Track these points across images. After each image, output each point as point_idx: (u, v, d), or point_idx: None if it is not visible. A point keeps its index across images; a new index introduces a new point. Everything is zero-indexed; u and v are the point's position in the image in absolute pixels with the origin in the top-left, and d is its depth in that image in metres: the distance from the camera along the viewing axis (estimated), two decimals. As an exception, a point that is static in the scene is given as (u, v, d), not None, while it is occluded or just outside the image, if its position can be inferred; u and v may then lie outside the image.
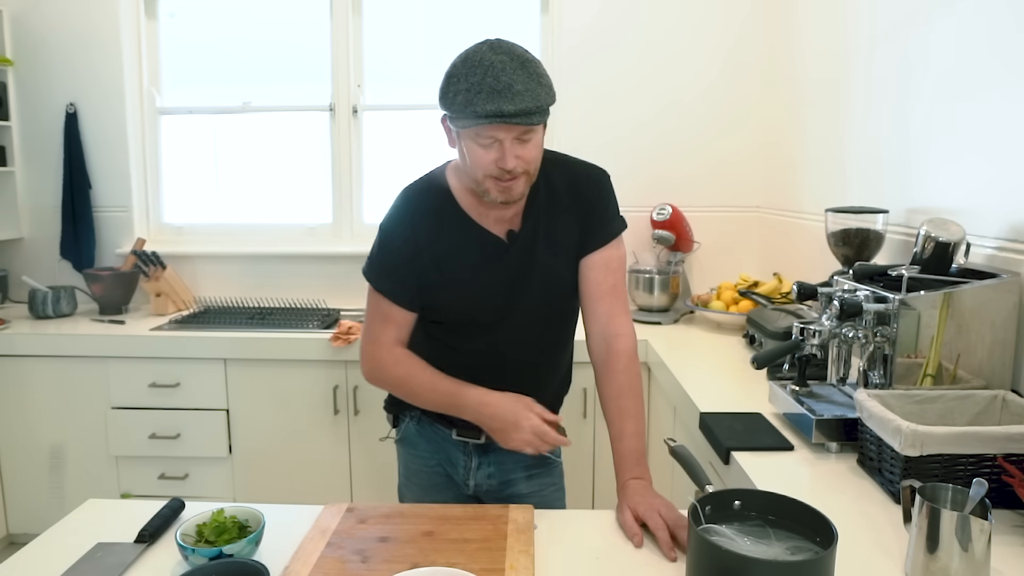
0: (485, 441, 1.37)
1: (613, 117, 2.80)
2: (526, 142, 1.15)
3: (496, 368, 1.30)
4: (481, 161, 1.16)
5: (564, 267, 1.31)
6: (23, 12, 2.82)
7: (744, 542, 0.89)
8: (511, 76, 1.09)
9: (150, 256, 2.77)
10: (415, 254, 1.27)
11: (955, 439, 1.05)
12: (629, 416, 1.24)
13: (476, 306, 1.29)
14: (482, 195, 1.21)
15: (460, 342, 1.32)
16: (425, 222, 1.28)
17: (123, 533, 1.08)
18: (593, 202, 1.30)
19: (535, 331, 1.33)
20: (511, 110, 1.09)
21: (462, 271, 1.28)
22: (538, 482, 1.43)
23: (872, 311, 1.32)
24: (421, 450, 1.45)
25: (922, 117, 1.69)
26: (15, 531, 2.60)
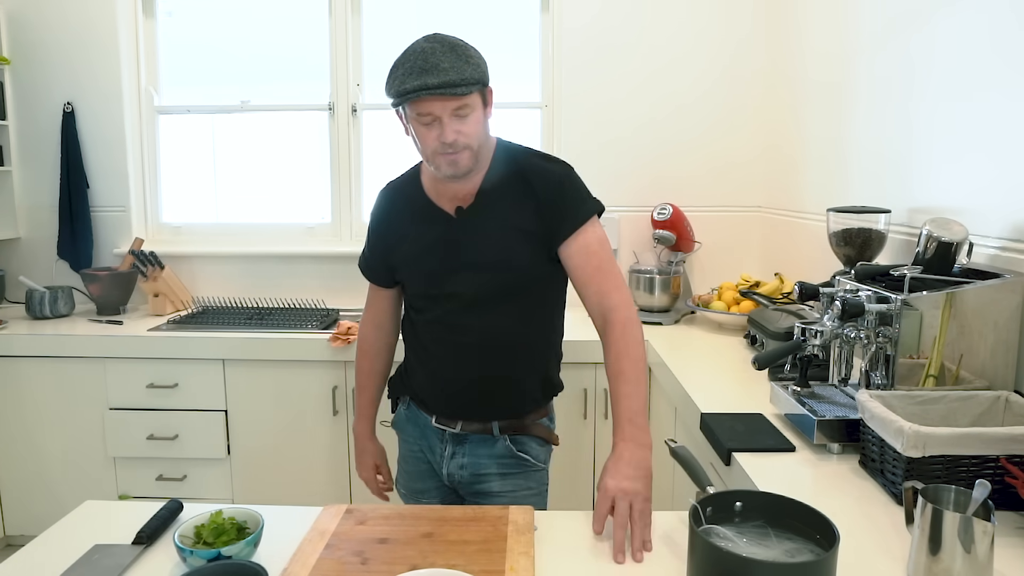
0: (461, 431, 1.45)
1: (614, 117, 2.80)
2: (463, 117, 1.26)
3: (453, 342, 1.41)
4: (426, 139, 1.27)
5: (512, 247, 1.36)
6: (20, 10, 2.81)
7: (745, 543, 0.89)
8: (439, 57, 1.21)
9: (148, 256, 2.76)
10: (385, 241, 1.48)
11: (958, 440, 1.05)
12: (625, 379, 1.25)
13: (425, 278, 1.41)
14: (435, 172, 1.33)
15: (421, 314, 1.46)
16: (396, 213, 1.46)
17: (121, 535, 1.07)
18: (551, 197, 1.35)
19: (483, 310, 1.38)
20: (435, 82, 1.20)
21: (419, 243, 1.41)
22: (512, 482, 1.45)
23: (874, 311, 1.31)
24: (408, 435, 1.55)
25: (924, 116, 1.68)
26: (12, 533, 2.59)
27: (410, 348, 1.53)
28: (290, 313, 2.73)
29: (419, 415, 1.52)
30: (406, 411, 1.56)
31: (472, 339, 1.40)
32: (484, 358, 1.40)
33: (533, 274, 1.39)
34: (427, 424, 1.49)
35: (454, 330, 1.40)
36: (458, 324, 1.40)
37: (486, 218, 1.37)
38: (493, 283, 1.36)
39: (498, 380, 1.42)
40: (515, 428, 1.45)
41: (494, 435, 1.44)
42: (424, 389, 1.49)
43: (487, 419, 1.44)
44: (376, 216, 1.51)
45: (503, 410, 1.45)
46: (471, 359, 1.41)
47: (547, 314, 1.47)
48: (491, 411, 1.44)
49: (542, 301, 1.44)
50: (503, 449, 1.45)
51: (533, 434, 1.47)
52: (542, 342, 1.48)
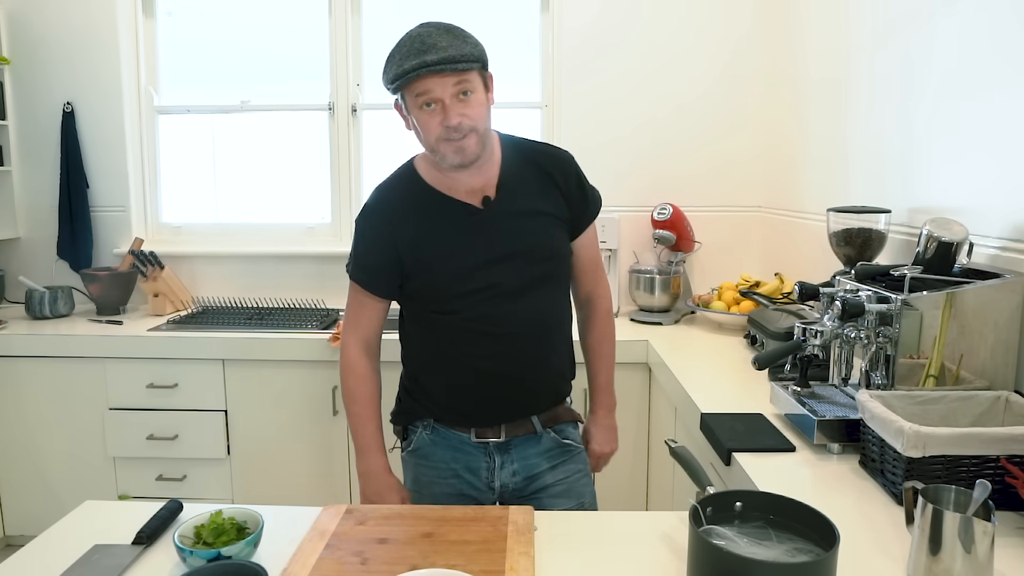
0: (505, 439, 1.40)
1: (614, 116, 2.80)
2: (466, 100, 1.24)
3: (494, 337, 1.35)
4: (429, 126, 1.24)
5: (548, 232, 1.37)
6: (20, 10, 2.81)
7: (745, 544, 0.89)
8: (435, 38, 1.20)
9: (148, 256, 2.76)
10: (391, 245, 1.36)
11: (958, 440, 1.05)
12: (603, 358, 1.56)
13: (461, 274, 1.33)
14: (441, 162, 1.29)
15: (452, 316, 1.35)
16: (399, 211, 1.36)
17: (121, 535, 1.07)
18: (572, 186, 1.40)
19: (525, 298, 1.35)
20: (433, 59, 1.18)
21: (443, 243, 1.34)
22: (563, 470, 1.45)
23: (874, 311, 1.31)
24: (435, 460, 1.43)
25: (924, 116, 1.68)
26: (12, 533, 2.59)
27: (427, 360, 1.42)
28: (290, 313, 2.73)
29: (450, 435, 1.42)
30: (430, 435, 1.43)
31: (515, 329, 1.36)
32: (528, 348, 1.37)
33: (566, 257, 1.42)
34: (463, 442, 1.41)
35: (495, 323, 1.34)
36: (499, 316, 1.34)
37: (518, 206, 1.35)
38: (536, 269, 1.35)
39: (540, 369, 1.40)
40: (553, 419, 1.45)
41: (537, 432, 1.42)
42: (454, 403, 1.40)
43: (528, 417, 1.42)
44: (374, 220, 1.39)
45: (543, 403, 1.43)
46: (514, 352, 1.36)
47: (567, 295, 1.49)
48: (532, 406, 1.42)
49: (565, 283, 1.48)
50: (550, 442, 1.44)
51: (566, 420, 1.48)
52: (568, 323, 1.48)
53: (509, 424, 1.40)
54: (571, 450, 1.47)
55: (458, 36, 1.22)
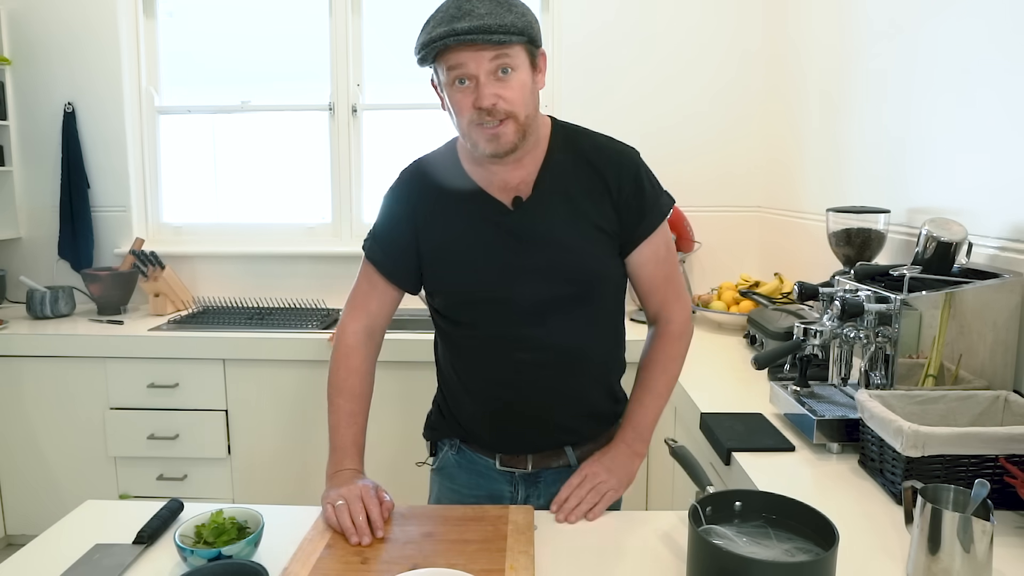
0: (533, 469, 1.26)
1: (613, 116, 2.80)
2: (505, 78, 1.06)
3: (515, 360, 1.19)
4: (461, 106, 1.08)
5: (582, 247, 1.16)
6: (21, 10, 2.81)
7: (745, 543, 0.89)
8: (474, 3, 1.03)
9: (149, 256, 2.76)
10: (412, 229, 1.21)
11: (957, 440, 1.05)
12: (649, 390, 1.25)
13: (478, 277, 1.18)
14: (473, 150, 1.12)
15: (469, 329, 1.21)
16: (429, 192, 1.21)
17: (121, 534, 1.07)
18: (631, 188, 1.17)
19: (549, 321, 1.17)
20: (463, 27, 1.01)
21: (463, 237, 1.18)
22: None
23: (873, 311, 1.31)
24: (459, 483, 1.31)
25: (924, 116, 1.68)
26: (13, 532, 2.59)
27: (453, 377, 1.28)
28: (290, 313, 2.73)
29: (476, 459, 1.29)
30: (456, 456, 1.31)
31: (537, 356, 1.19)
32: (553, 379, 1.20)
33: (606, 277, 1.20)
34: (488, 468, 1.28)
35: (514, 346, 1.18)
36: (518, 339, 1.18)
37: (551, 212, 1.16)
38: (563, 289, 1.16)
39: (572, 403, 1.23)
40: (592, 452, 1.26)
41: (571, 466, 1.25)
42: (477, 425, 1.26)
43: (560, 447, 1.26)
44: (401, 195, 1.23)
45: (579, 435, 1.27)
46: (538, 380, 1.20)
47: (615, 319, 1.28)
48: (562, 438, 1.26)
49: (612, 306, 1.26)
50: None
51: None
52: (613, 352, 1.30)
53: (537, 455, 1.25)
54: None
55: (502, 3, 1.04)
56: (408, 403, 2.34)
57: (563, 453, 1.27)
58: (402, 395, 2.35)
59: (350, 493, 1.09)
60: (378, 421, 2.11)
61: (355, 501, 1.07)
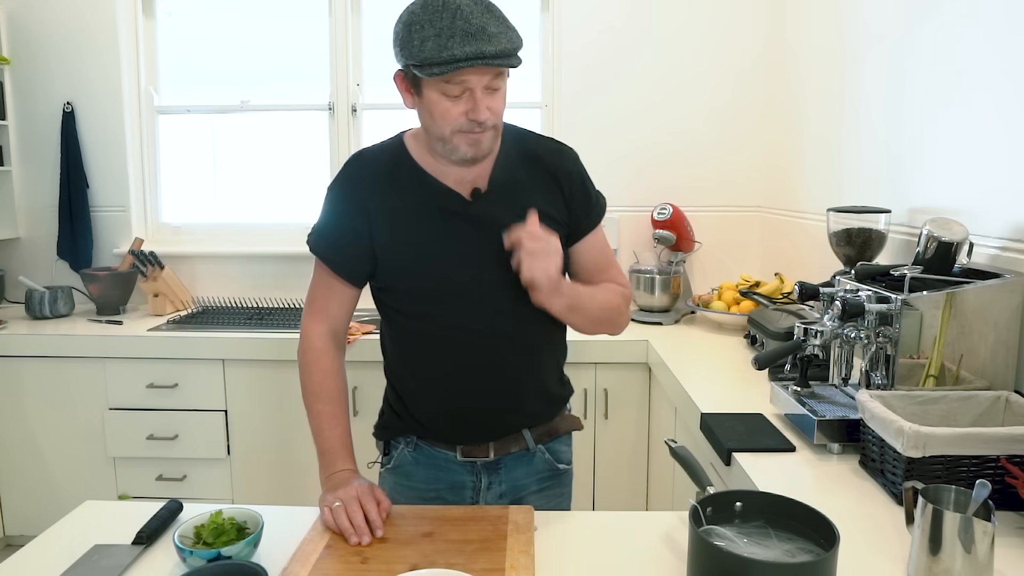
0: (495, 457, 1.29)
1: (614, 116, 2.80)
2: (495, 92, 1.11)
3: (470, 348, 1.22)
4: (449, 115, 1.09)
5: None
6: (20, 10, 2.81)
7: (745, 544, 0.89)
8: (481, 19, 1.04)
9: (148, 256, 2.76)
10: (365, 220, 1.20)
11: (958, 440, 1.05)
12: (595, 291, 1.27)
13: (439, 270, 1.19)
14: (448, 153, 1.14)
15: (428, 321, 1.22)
16: (378, 183, 1.21)
17: (120, 535, 1.07)
18: (578, 184, 1.27)
19: (511, 306, 1.20)
20: (491, 51, 1.03)
21: (421, 231, 1.19)
22: (548, 493, 1.35)
23: (874, 311, 1.31)
24: (417, 479, 1.32)
25: (924, 116, 1.68)
26: (12, 533, 2.59)
27: (408, 371, 1.29)
28: (290, 313, 2.73)
29: (435, 454, 1.30)
30: (413, 453, 1.32)
31: (499, 340, 1.22)
32: (515, 360, 1.24)
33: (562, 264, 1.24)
34: (449, 461, 1.29)
35: (477, 332, 1.21)
36: (481, 324, 1.21)
37: (509, 203, 1.19)
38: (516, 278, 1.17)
39: (528, 384, 1.27)
40: (549, 433, 1.33)
41: (530, 449, 1.30)
42: (437, 418, 1.28)
43: (518, 431, 1.29)
44: (349, 188, 1.23)
45: (533, 417, 1.31)
46: (499, 366, 1.23)
47: None
48: (521, 421, 1.29)
49: None
50: (542, 464, 1.32)
51: (564, 431, 1.36)
52: (561, 330, 1.34)
53: (498, 442, 1.28)
54: (560, 473, 1.36)
55: (501, 19, 1.07)
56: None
57: (522, 437, 1.30)
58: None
59: (347, 494, 1.10)
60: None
61: (352, 502, 1.08)
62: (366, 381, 2.38)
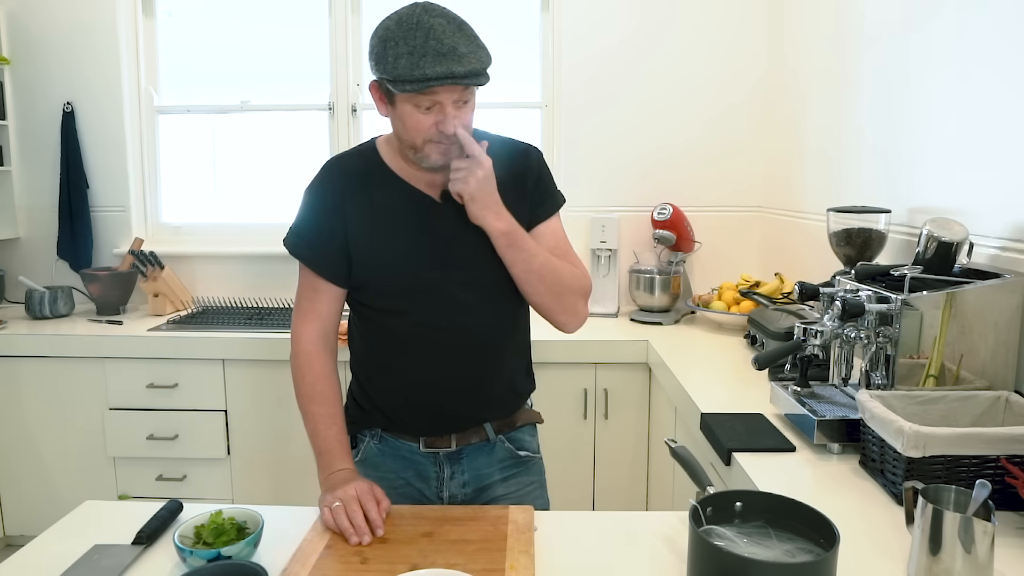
0: (456, 447, 1.32)
1: (614, 116, 2.80)
2: (464, 104, 1.17)
3: (442, 345, 1.26)
4: (421, 126, 1.16)
5: None
6: (20, 10, 2.81)
7: (745, 544, 0.89)
8: (453, 39, 1.10)
9: (148, 256, 2.76)
10: (341, 220, 1.25)
11: (958, 440, 1.05)
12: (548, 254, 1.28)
13: (413, 267, 1.24)
14: (419, 161, 1.21)
15: (399, 317, 1.27)
16: (353, 186, 1.27)
17: (121, 535, 1.07)
18: (537, 175, 1.32)
19: (478, 303, 1.27)
20: (461, 72, 1.09)
21: (396, 230, 1.25)
22: (515, 482, 1.38)
23: (874, 311, 1.31)
24: (385, 470, 1.34)
25: (924, 116, 1.68)
26: (12, 533, 2.59)
27: (375, 365, 1.33)
28: (290, 313, 2.71)
29: (399, 445, 1.34)
30: (378, 445, 1.36)
31: (465, 336, 1.27)
32: (478, 356, 1.29)
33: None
34: (412, 452, 1.33)
35: (444, 329, 1.26)
36: (449, 321, 1.26)
37: None
38: (492, 273, 1.25)
39: (493, 378, 1.32)
40: (508, 425, 1.37)
41: (490, 440, 1.35)
42: (402, 411, 1.32)
43: (480, 424, 1.34)
44: (327, 190, 1.28)
45: (497, 410, 1.36)
46: (464, 361, 1.28)
47: (525, 302, 1.35)
48: (484, 415, 1.34)
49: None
50: (503, 453, 1.36)
51: (524, 423, 1.40)
52: (526, 329, 1.40)
53: (459, 433, 1.32)
54: (525, 461, 1.39)
55: (472, 38, 1.13)
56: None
57: (482, 429, 1.34)
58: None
59: (346, 494, 1.11)
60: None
61: (351, 502, 1.09)
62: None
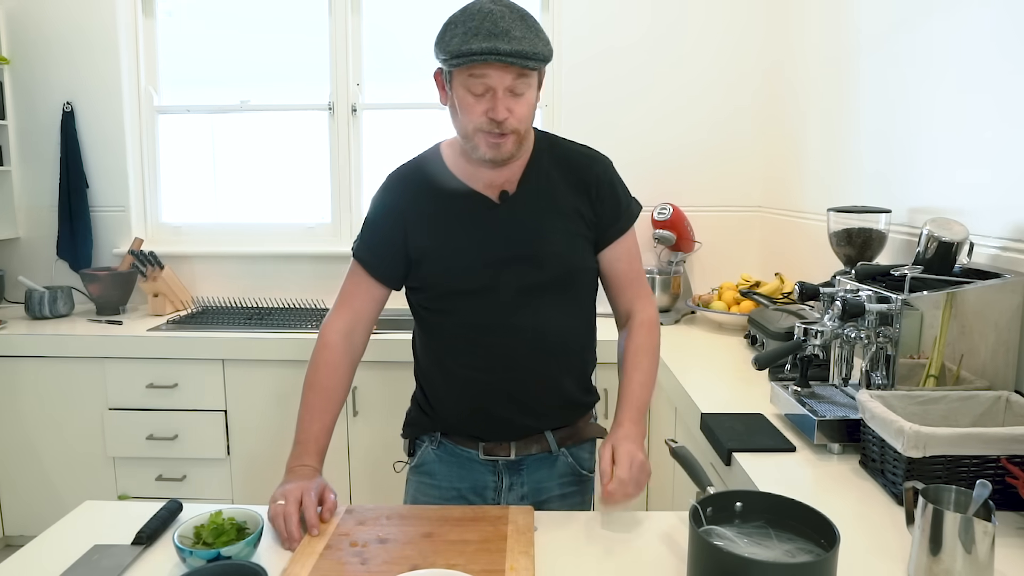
0: (516, 456, 1.30)
1: (614, 116, 2.80)
2: (518, 96, 1.15)
3: (497, 347, 1.25)
4: (472, 111, 1.15)
5: (564, 240, 1.26)
6: (20, 9, 2.81)
7: (745, 544, 0.89)
8: (509, 23, 1.10)
9: (148, 256, 2.76)
10: (402, 225, 1.27)
11: (958, 440, 1.05)
12: (641, 370, 1.29)
13: (464, 270, 1.24)
14: (471, 152, 1.20)
15: (452, 317, 1.27)
16: (415, 195, 1.28)
17: (120, 535, 1.07)
18: (607, 189, 1.30)
19: (528, 308, 1.25)
20: (506, 49, 1.08)
21: (453, 232, 1.25)
22: (570, 501, 1.35)
23: (874, 311, 1.31)
24: (439, 478, 1.34)
25: (924, 116, 1.68)
26: (11, 533, 2.59)
27: (432, 368, 1.33)
28: (290, 313, 2.73)
29: (458, 451, 1.32)
30: (436, 450, 1.34)
31: (515, 342, 1.25)
32: (532, 364, 1.26)
33: (585, 268, 1.30)
34: (471, 459, 1.32)
35: (493, 332, 1.25)
36: (497, 325, 1.24)
37: (536, 206, 1.25)
38: (545, 277, 1.24)
39: (549, 387, 1.29)
40: (572, 437, 1.34)
41: (552, 452, 1.32)
42: (458, 415, 1.31)
43: (541, 432, 1.31)
44: (388, 203, 1.30)
45: (557, 420, 1.32)
46: (521, 365, 1.26)
47: (585, 311, 1.35)
48: (539, 423, 1.31)
49: (588, 298, 1.34)
50: (565, 468, 1.34)
51: (587, 437, 1.37)
52: (586, 341, 1.37)
53: (519, 442, 1.30)
54: (583, 479, 1.37)
55: (532, 28, 1.12)
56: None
57: (544, 438, 1.32)
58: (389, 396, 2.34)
59: (291, 494, 1.10)
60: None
61: (292, 504, 1.08)
62: (366, 381, 2.38)
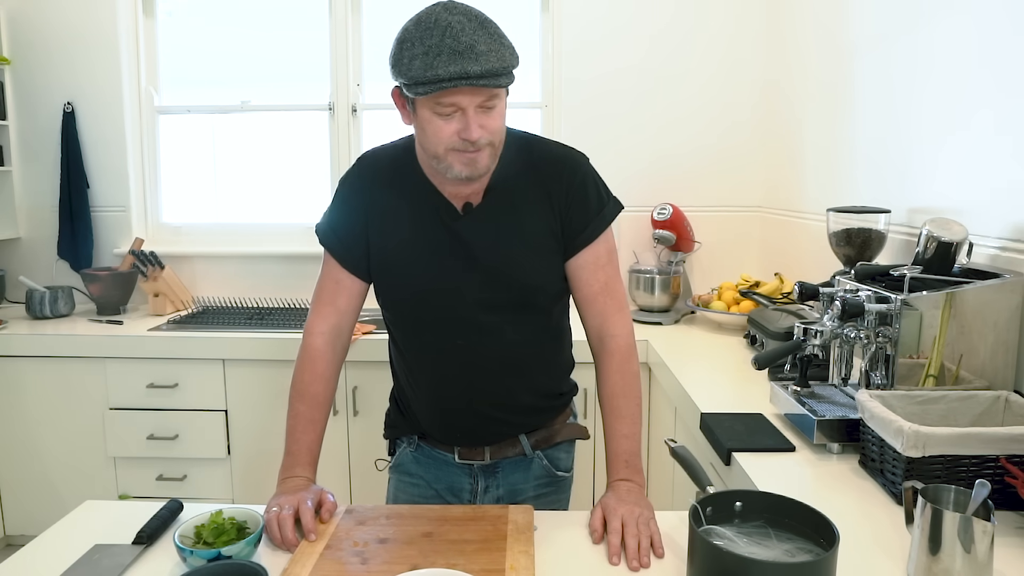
0: (491, 460, 1.29)
1: (614, 116, 2.80)
2: (490, 110, 1.07)
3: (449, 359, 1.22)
4: (442, 134, 1.06)
5: (526, 255, 1.19)
6: (20, 10, 2.81)
7: (745, 543, 0.89)
8: (471, 36, 1.00)
9: (148, 256, 2.76)
10: (365, 217, 1.22)
11: (957, 440, 1.05)
12: (621, 417, 1.21)
13: (420, 280, 1.19)
14: (443, 171, 1.11)
15: (414, 326, 1.24)
16: (380, 190, 1.22)
17: (121, 535, 1.07)
18: (574, 195, 1.19)
19: (490, 324, 1.20)
20: (476, 71, 0.99)
21: (408, 237, 1.19)
22: (545, 500, 1.34)
23: (874, 311, 1.31)
24: (416, 478, 1.34)
25: (924, 116, 1.68)
26: (12, 532, 2.59)
27: (404, 373, 1.31)
28: (290, 313, 2.73)
29: (435, 454, 1.32)
30: (414, 452, 1.34)
31: (484, 356, 1.22)
32: (497, 378, 1.24)
33: (546, 288, 1.23)
34: (447, 462, 1.31)
35: (458, 347, 1.21)
36: (461, 340, 1.21)
37: (498, 220, 1.18)
38: (504, 295, 1.19)
39: (517, 397, 1.26)
40: (547, 440, 1.32)
41: (527, 455, 1.30)
42: (431, 421, 1.29)
43: (515, 435, 1.29)
44: (358, 190, 1.23)
45: (522, 426, 1.30)
46: (482, 378, 1.23)
47: (559, 322, 1.31)
48: (510, 429, 1.29)
49: (556, 311, 1.28)
50: (540, 470, 1.32)
51: (564, 439, 1.34)
52: (555, 352, 1.33)
53: (493, 446, 1.29)
54: (559, 480, 1.36)
55: (495, 36, 1.03)
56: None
57: (518, 442, 1.30)
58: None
59: (288, 501, 1.09)
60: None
61: (289, 512, 1.06)
62: (366, 381, 2.38)
